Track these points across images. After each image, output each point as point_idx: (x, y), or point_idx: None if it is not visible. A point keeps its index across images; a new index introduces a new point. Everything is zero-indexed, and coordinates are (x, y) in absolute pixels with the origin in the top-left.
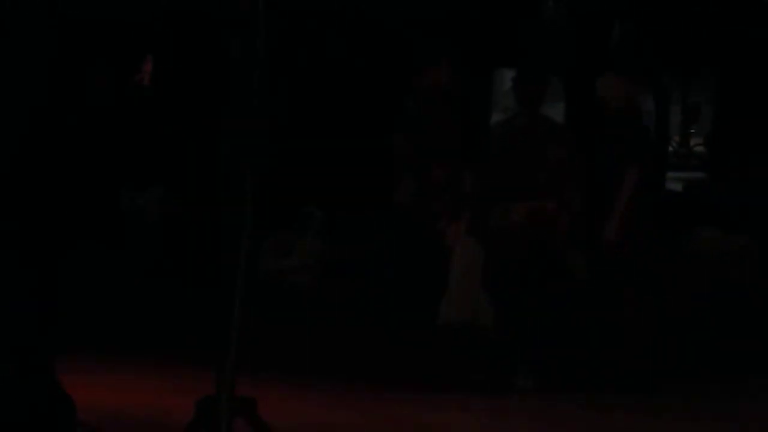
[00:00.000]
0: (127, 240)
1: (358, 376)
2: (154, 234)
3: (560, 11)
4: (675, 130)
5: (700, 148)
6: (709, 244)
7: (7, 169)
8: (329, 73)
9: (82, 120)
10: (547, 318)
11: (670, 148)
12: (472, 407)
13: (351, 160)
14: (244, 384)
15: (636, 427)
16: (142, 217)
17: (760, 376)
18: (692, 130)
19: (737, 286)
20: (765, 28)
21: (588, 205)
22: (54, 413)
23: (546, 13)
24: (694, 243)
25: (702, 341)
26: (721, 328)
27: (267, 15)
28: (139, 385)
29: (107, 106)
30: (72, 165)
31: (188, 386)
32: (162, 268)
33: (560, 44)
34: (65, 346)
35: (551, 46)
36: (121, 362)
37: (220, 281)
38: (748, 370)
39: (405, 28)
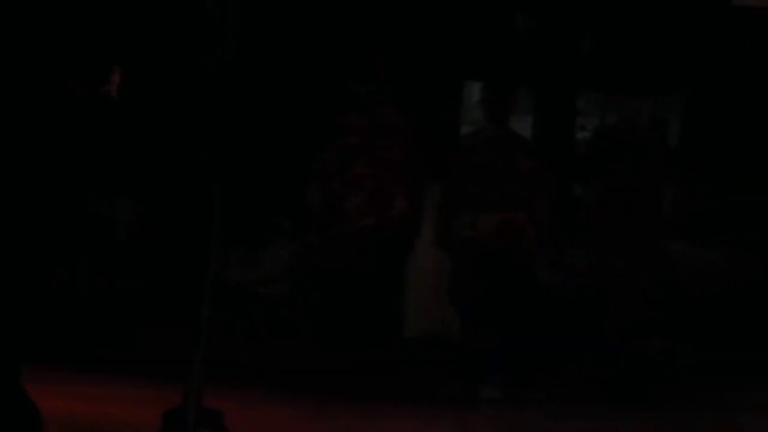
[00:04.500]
0: (97, 247)
1: (324, 389)
2: (124, 242)
3: (530, 25)
4: None
5: None
6: (678, 257)
7: None
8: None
9: (52, 127)
10: (515, 329)
11: None
12: (439, 419)
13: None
14: (211, 395)
15: None
16: (112, 225)
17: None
18: None
19: (706, 297)
20: (733, 43)
21: (556, 216)
22: (20, 423)
23: (516, 26)
24: (664, 256)
25: (671, 351)
26: (691, 338)
27: (237, 25)
28: (106, 396)
29: (78, 116)
30: (41, 170)
31: (156, 397)
32: (131, 277)
33: (530, 58)
34: (31, 354)
35: (521, 60)
36: (88, 372)
37: (190, 291)
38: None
39: (376, 39)
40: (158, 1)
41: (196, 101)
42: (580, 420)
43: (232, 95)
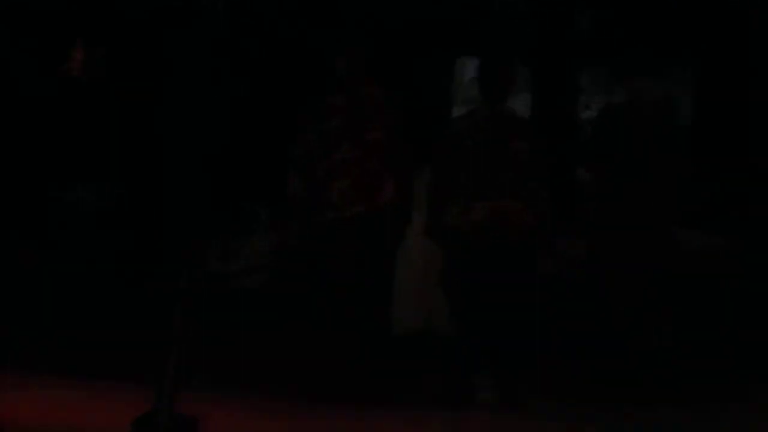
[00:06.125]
0: (60, 240)
1: (307, 389)
2: (89, 234)
3: None
4: None
5: None
6: (686, 245)
7: None
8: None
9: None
10: (511, 325)
11: None
12: (428, 422)
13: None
14: (185, 400)
15: None
16: (76, 215)
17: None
18: None
19: (713, 286)
20: (744, 13)
21: (557, 204)
22: None
23: None
24: (674, 246)
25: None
26: (698, 328)
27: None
28: (71, 402)
29: (35, 97)
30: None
31: (125, 402)
32: (98, 271)
33: (526, 31)
34: None
35: (517, 33)
36: (53, 376)
37: (162, 285)
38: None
39: (359, 11)
40: None
41: (167, 81)
42: (578, 422)
43: (207, 75)
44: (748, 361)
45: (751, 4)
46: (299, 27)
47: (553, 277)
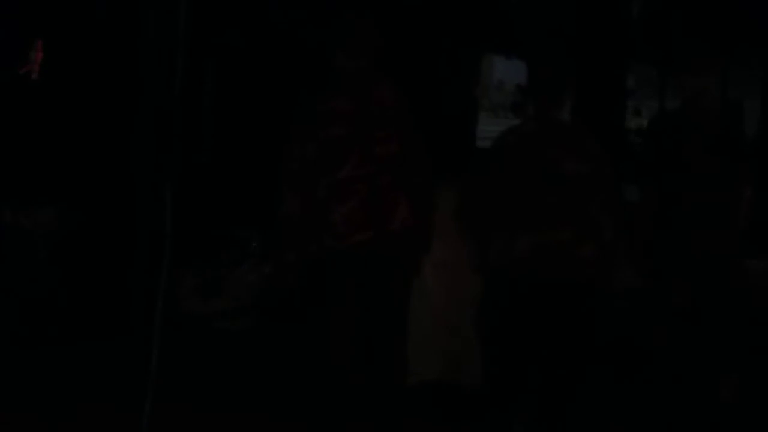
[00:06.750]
0: (13, 269)
1: None
2: (46, 262)
3: None
4: None
5: None
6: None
7: None
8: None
9: None
10: (558, 380)
11: None
12: None
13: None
14: None
15: None
16: (30, 241)
17: None
18: None
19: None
20: None
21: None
22: None
23: None
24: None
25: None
26: None
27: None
28: None
29: None
30: None
31: None
32: (58, 304)
33: (565, 23)
34: None
35: (552, 26)
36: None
37: (131, 321)
38: None
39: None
40: None
41: (136, 84)
42: None
43: (183, 76)
44: None
45: None
46: (294, 15)
47: (609, 317)
